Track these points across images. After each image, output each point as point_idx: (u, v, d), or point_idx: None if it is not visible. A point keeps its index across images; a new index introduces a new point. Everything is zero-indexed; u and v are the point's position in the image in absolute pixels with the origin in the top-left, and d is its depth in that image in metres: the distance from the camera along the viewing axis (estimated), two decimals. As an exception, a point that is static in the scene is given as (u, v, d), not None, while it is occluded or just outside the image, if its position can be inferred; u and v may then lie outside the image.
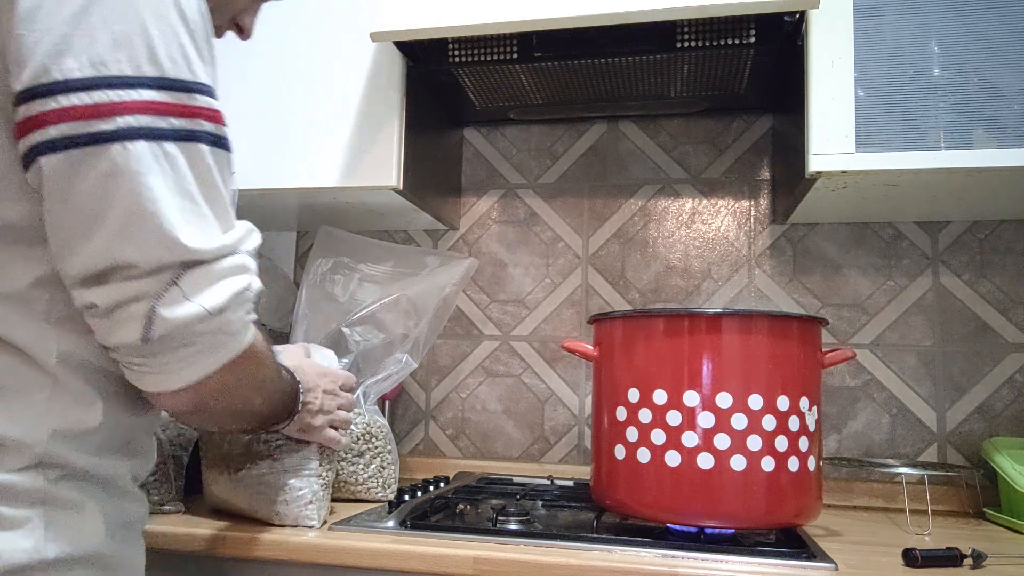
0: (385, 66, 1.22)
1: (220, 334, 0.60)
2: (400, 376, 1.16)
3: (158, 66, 0.56)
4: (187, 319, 0.57)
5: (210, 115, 0.60)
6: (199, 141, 0.58)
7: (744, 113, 1.42)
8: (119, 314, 0.56)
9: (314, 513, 0.93)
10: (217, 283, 0.58)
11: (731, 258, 1.40)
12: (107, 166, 0.54)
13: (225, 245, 0.59)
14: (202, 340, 0.59)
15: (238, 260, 0.60)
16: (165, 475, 1.00)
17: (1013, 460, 1.12)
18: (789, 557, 0.83)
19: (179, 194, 0.57)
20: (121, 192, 0.54)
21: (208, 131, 0.59)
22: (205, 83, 0.60)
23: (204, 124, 0.59)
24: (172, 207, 0.56)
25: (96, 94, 0.54)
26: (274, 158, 1.25)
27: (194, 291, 0.57)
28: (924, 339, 1.30)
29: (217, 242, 0.59)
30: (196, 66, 0.59)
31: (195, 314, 0.57)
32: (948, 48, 1.01)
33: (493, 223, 1.51)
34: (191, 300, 0.57)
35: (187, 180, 0.57)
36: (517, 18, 1.05)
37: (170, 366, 0.59)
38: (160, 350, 0.58)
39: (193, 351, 0.59)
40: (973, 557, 0.83)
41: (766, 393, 0.88)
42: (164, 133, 0.56)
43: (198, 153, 0.58)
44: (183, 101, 0.57)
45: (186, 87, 0.58)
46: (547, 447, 1.43)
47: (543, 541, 0.87)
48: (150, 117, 0.55)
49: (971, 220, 1.31)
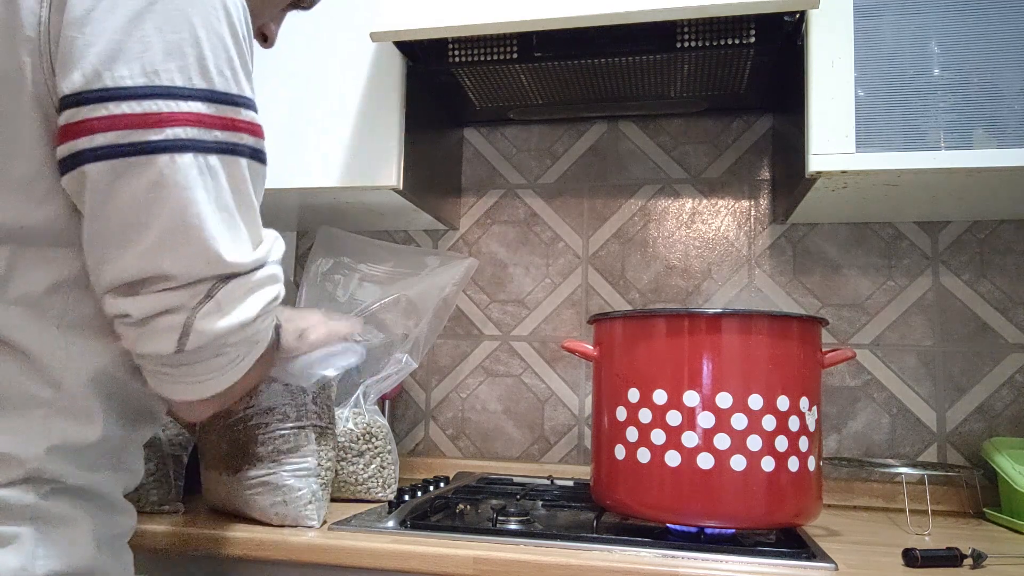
0: (385, 66, 1.22)
1: (250, 343, 0.61)
2: (400, 376, 1.16)
3: (208, 78, 0.56)
4: (222, 331, 0.57)
5: (251, 129, 0.60)
6: (239, 155, 0.59)
7: (744, 113, 1.42)
8: (155, 324, 0.56)
9: (314, 513, 0.93)
10: (251, 295, 0.59)
11: (731, 258, 1.40)
12: (154, 177, 0.54)
13: (258, 258, 0.60)
14: (233, 350, 0.59)
15: (269, 271, 0.61)
16: (165, 475, 1.00)
17: (1013, 460, 1.12)
18: (789, 557, 0.83)
19: (219, 208, 0.57)
20: (165, 204, 0.54)
21: (248, 145, 0.60)
22: (249, 97, 0.60)
23: (245, 138, 0.59)
24: (213, 221, 0.56)
25: (147, 103, 0.54)
26: (274, 158, 1.24)
27: (230, 304, 0.57)
28: (924, 339, 1.30)
29: (252, 256, 0.59)
30: (242, 79, 0.59)
31: (230, 327, 0.57)
32: (948, 48, 1.01)
33: (493, 223, 1.51)
34: (226, 313, 0.57)
35: (226, 193, 0.58)
36: (517, 18, 1.05)
37: (200, 376, 0.59)
38: (193, 361, 0.58)
39: (224, 361, 0.60)
40: (973, 557, 0.83)
41: (766, 393, 0.88)
42: (209, 146, 0.56)
43: (237, 166, 0.59)
44: (229, 115, 0.57)
45: (232, 100, 0.58)
46: (547, 447, 1.43)
47: (543, 541, 0.87)
48: (197, 130, 0.55)
49: (971, 220, 1.31)
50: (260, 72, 1.27)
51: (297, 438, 0.94)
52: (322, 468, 0.95)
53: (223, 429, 0.96)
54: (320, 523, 0.93)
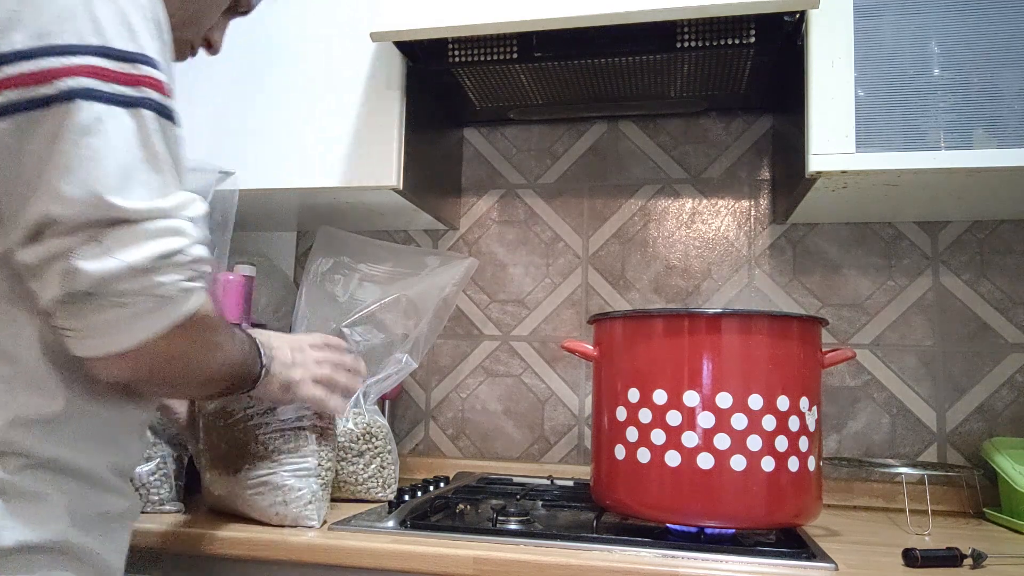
0: (385, 66, 1.22)
1: (151, 297, 0.60)
2: (400, 376, 1.16)
3: (102, 37, 0.58)
4: (107, 274, 0.57)
5: (154, 84, 0.61)
6: (143, 107, 0.60)
7: (744, 113, 1.42)
8: (46, 271, 0.57)
9: (314, 513, 0.93)
10: (144, 243, 0.58)
11: (731, 258, 1.40)
12: (50, 128, 0.56)
13: (157, 207, 0.59)
14: (134, 303, 0.59)
15: (172, 224, 0.60)
16: (165, 475, 1.00)
17: (1013, 460, 1.12)
18: (789, 557, 0.83)
19: (114, 155, 0.57)
20: (58, 151, 0.56)
21: (153, 99, 0.60)
22: (150, 55, 0.61)
23: (149, 92, 0.60)
24: (104, 167, 0.57)
25: (41, 61, 0.56)
26: (274, 158, 1.25)
27: (117, 248, 0.57)
28: (924, 339, 1.30)
29: (147, 203, 0.59)
30: (142, 39, 0.60)
31: (115, 269, 0.57)
32: (948, 48, 1.01)
33: (493, 223, 1.51)
34: (113, 256, 0.57)
35: (126, 143, 0.58)
36: (517, 18, 1.05)
37: (102, 329, 0.59)
38: (88, 310, 0.58)
39: (127, 314, 0.59)
40: (973, 557, 0.83)
41: (766, 393, 0.88)
42: (106, 96, 0.57)
43: (142, 119, 0.59)
44: (127, 70, 0.59)
45: (130, 57, 0.59)
46: (547, 447, 1.43)
47: (543, 541, 0.87)
48: (92, 80, 0.57)
49: (971, 220, 1.31)
50: (260, 72, 1.27)
51: (297, 438, 0.94)
52: (322, 468, 0.95)
53: (223, 429, 0.96)
54: (320, 523, 0.93)
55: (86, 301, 0.58)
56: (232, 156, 1.24)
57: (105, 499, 0.68)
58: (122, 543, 0.71)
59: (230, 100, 1.28)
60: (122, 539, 0.71)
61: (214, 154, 1.24)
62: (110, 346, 0.60)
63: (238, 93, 1.28)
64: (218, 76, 1.26)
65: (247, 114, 1.27)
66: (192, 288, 0.63)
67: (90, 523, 0.65)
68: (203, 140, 1.27)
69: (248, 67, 1.28)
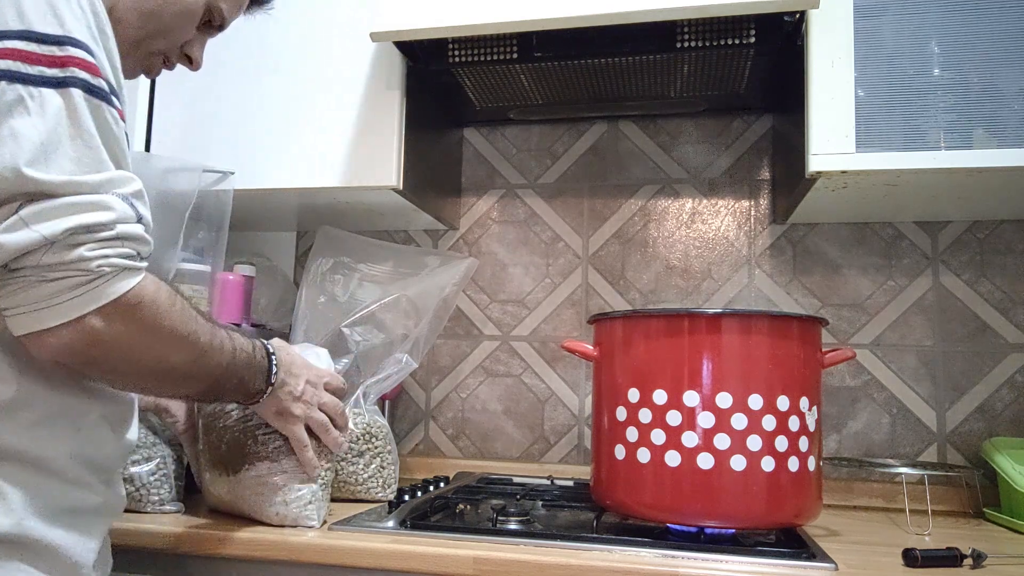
0: (385, 66, 1.22)
1: (76, 272, 0.60)
2: (400, 376, 1.16)
3: (24, 20, 0.59)
4: (24, 245, 0.58)
5: (84, 65, 0.61)
6: (71, 87, 0.60)
7: (744, 113, 1.42)
8: None
9: (314, 513, 0.93)
10: (63, 216, 0.59)
11: (731, 258, 1.40)
12: None
13: (77, 181, 0.60)
14: (60, 278, 0.59)
15: (96, 198, 0.61)
16: (165, 475, 1.00)
17: (1013, 460, 1.12)
18: (789, 557, 0.83)
19: (36, 133, 0.58)
20: None
21: (82, 79, 0.61)
22: (77, 38, 0.61)
23: (77, 72, 0.61)
24: (25, 144, 0.58)
25: None
26: (274, 158, 1.25)
27: (34, 220, 0.58)
28: (924, 339, 1.30)
29: (67, 177, 0.59)
30: (68, 23, 0.61)
31: (31, 241, 0.58)
32: (948, 48, 1.01)
33: (493, 223, 1.51)
34: (30, 228, 0.58)
35: (51, 120, 0.59)
36: (517, 18, 1.05)
37: (31, 305, 0.60)
38: (17, 287, 0.59)
39: (53, 289, 0.59)
40: (973, 557, 0.83)
41: (766, 393, 0.88)
42: (31, 78, 0.59)
43: (69, 97, 0.60)
44: (52, 52, 0.60)
45: (56, 40, 0.60)
46: (547, 447, 1.43)
47: (543, 541, 0.87)
48: (16, 63, 0.58)
49: (971, 220, 1.31)
50: (261, 72, 1.27)
51: (297, 438, 0.94)
52: (322, 468, 0.95)
53: (223, 429, 0.96)
54: (320, 523, 0.93)
55: (13, 277, 0.59)
56: (232, 156, 1.24)
57: (69, 493, 0.67)
58: (91, 540, 0.70)
59: (230, 100, 1.28)
60: (92, 536, 0.70)
61: (214, 154, 1.24)
62: (39, 322, 0.60)
63: (238, 93, 1.28)
64: (218, 76, 1.26)
65: (247, 114, 1.27)
66: (127, 266, 0.63)
67: (52, 517, 0.65)
68: (203, 140, 1.27)
69: (248, 67, 1.28)
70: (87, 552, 0.69)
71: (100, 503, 0.71)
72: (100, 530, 0.72)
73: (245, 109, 1.27)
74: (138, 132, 1.29)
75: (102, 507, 0.71)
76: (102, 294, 0.61)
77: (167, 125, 1.30)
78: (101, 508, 0.71)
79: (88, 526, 0.70)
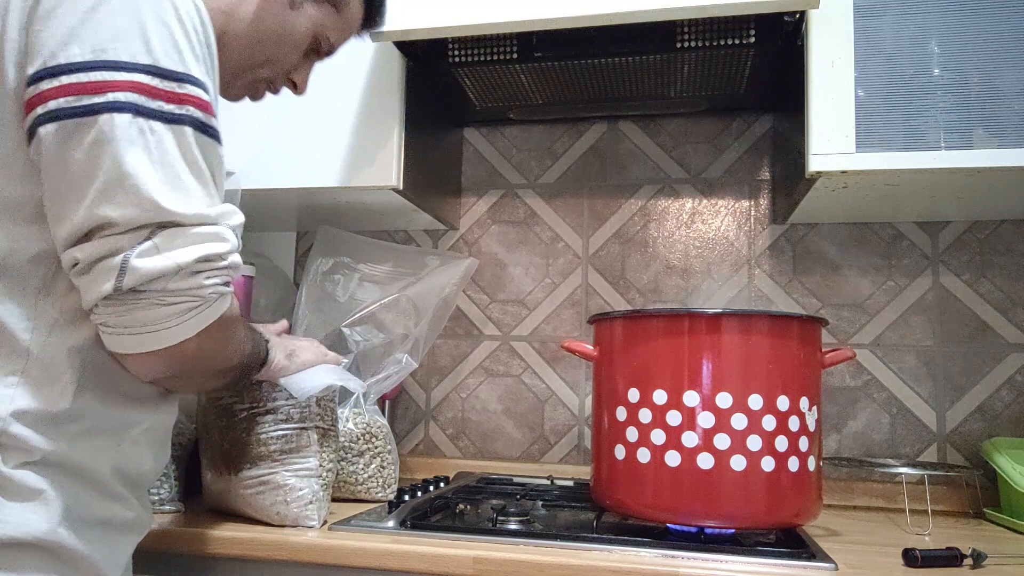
0: (385, 66, 1.22)
1: (193, 298, 0.63)
2: (400, 376, 1.16)
3: (152, 56, 0.61)
4: (157, 271, 0.60)
5: (198, 104, 0.64)
6: (184, 123, 0.63)
7: (744, 113, 1.42)
8: (98, 268, 0.60)
9: (314, 513, 0.93)
10: (192, 245, 0.62)
11: (731, 258, 1.40)
12: (95, 134, 0.59)
13: (202, 214, 0.63)
14: (177, 302, 0.62)
15: (216, 230, 0.64)
16: (165, 475, 1.00)
17: (1013, 460, 1.12)
18: (789, 557, 0.83)
19: (161, 166, 0.61)
20: (106, 158, 0.59)
21: (195, 117, 0.64)
22: (196, 76, 0.64)
23: (192, 110, 0.63)
24: (152, 175, 0.60)
25: (93, 74, 0.59)
26: (274, 158, 1.25)
27: (167, 247, 0.61)
28: (924, 339, 1.30)
29: (194, 209, 0.62)
30: (189, 61, 0.63)
31: (165, 267, 0.60)
32: (948, 48, 1.01)
33: (493, 223, 1.51)
34: (163, 254, 0.60)
35: (170, 155, 0.62)
36: (517, 18, 1.05)
37: (143, 326, 0.62)
38: (135, 307, 0.61)
39: (167, 312, 0.62)
40: (973, 557, 0.83)
41: (766, 393, 0.88)
42: (151, 112, 0.61)
43: (183, 134, 0.63)
44: (172, 88, 0.62)
45: (176, 76, 0.62)
46: (547, 447, 1.43)
47: (543, 541, 0.87)
48: (139, 96, 0.60)
49: (971, 220, 1.31)
50: (260, 72, 1.27)
51: (299, 438, 0.94)
52: (323, 469, 0.95)
53: (225, 429, 0.96)
54: (320, 523, 0.93)
55: (134, 298, 0.61)
56: (232, 156, 1.24)
57: (106, 506, 0.68)
58: (121, 555, 0.71)
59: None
60: (122, 550, 0.71)
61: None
62: (149, 343, 0.63)
63: (238, 93, 1.28)
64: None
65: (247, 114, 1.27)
66: (226, 292, 0.66)
67: (86, 528, 0.66)
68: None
69: (248, 67, 1.28)
70: (115, 568, 0.70)
71: (133, 518, 0.72)
72: (129, 545, 0.73)
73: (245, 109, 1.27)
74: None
75: (134, 523, 0.72)
76: (206, 319, 0.65)
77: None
78: (133, 524, 0.72)
79: (118, 540, 0.71)
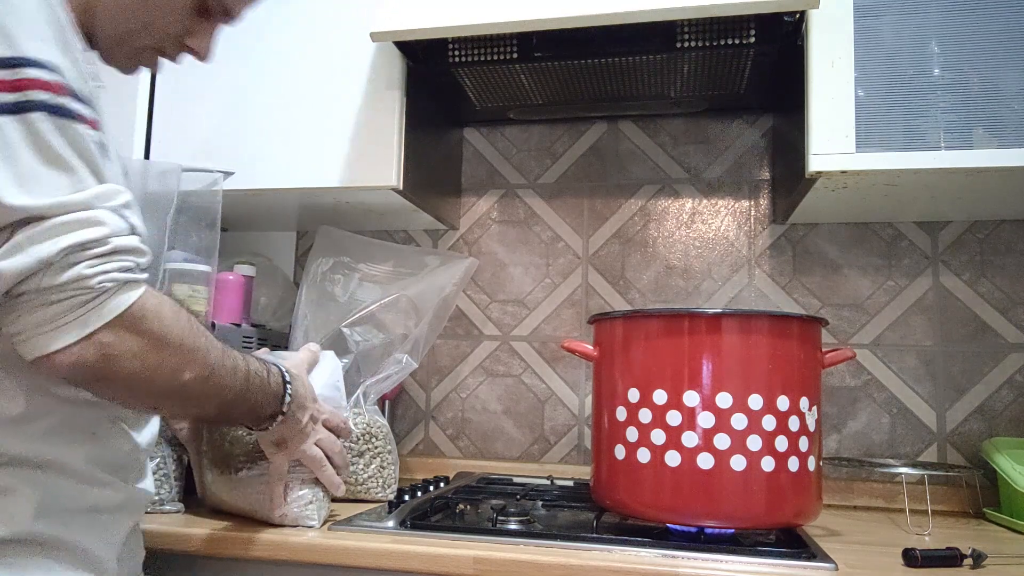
0: (385, 66, 1.22)
1: (77, 291, 0.60)
2: (400, 376, 1.16)
3: None
4: (20, 270, 0.58)
5: (43, 86, 0.60)
6: (32, 111, 0.59)
7: (744, 113, 1.42)
8: None
9: (314, 513, 0.93)
10: (53, 237, 0.59)
11: (731, 258, 1.40)
12: None
13: (63, 202, 0.60)
14: (63, 298, 0.60)
15: (86, 215, 0.60)
16: (165, 475, 1.00)
17: (1013, 460, 1.12)
18: (789, 557, 0.83)
19: (2, 161, 0.58)
20: None
21: (43, 100, 0.60)
22: (34, 57, 0.60)
23: (36, 94, 0.59)
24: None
25: None
26: (274, 158, 1.25)
27: (29, 244, 0.58)
28: (924, 339, 1.30)
29: (50, 199, 0.59)
30: (23, 43, 0.60)
31: (26, 265, 0.58)
32: (948, 48, 1.01)
33: (493, 223, 1.51)
34: (25, 252, 0.58)
35: (17, 147, 0.59)
36: (517, 18, 1.05)
37: (38, 328, 0.60)
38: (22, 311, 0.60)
39: (58, 310, 0.60)
40: (973, 557, 0.83)
41: (766, 393, 0.88)
42: None
43: (29, 122, 0.59)
44: (6, 77, 0.59)
45: (9, 63, 0.59)
46: (547, 447, 1.43)
47: (543, 541, 0.87)
48: None
49: (971, 220, 1.31)
50: (261, 72, 1.27)
51: (297, 438, 0.94)
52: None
53: (225, 428, 0.96)
54: (320, 523, 0.93)
55: (17, 303, 0.59)
56: (232, 156, 1.24)
57: (89, 493, 0.69)
58: (113, 536, 0.72)
59: (230, 100, 1.28)
60: (114, 532, 0.72)
61: (215, 154, 1.24)
62: (48, 344, 0.60)
63: (238, 93, 1.28)
64: (219, 76, 1.26)
65: (247, 114, 1.27)
66: (127, 279, 0.63)
67: (69, 516, 0.66)
68: (204, 140, 1.27)
69: (248, 67, 1.28)
70: (111, 548, 0.71)
71: (122, 500, 0.72)
72: (124, 526, 0.74)
73: (245, 109, 1.27)
74: (138, 133, 1.29)
75: (125, 503, 0.73)
76: (107, 310, 0.62)
77: (167, 126, 1.30)
78: (124, 504, 0.73)
79: (112, 524, 0.71)
